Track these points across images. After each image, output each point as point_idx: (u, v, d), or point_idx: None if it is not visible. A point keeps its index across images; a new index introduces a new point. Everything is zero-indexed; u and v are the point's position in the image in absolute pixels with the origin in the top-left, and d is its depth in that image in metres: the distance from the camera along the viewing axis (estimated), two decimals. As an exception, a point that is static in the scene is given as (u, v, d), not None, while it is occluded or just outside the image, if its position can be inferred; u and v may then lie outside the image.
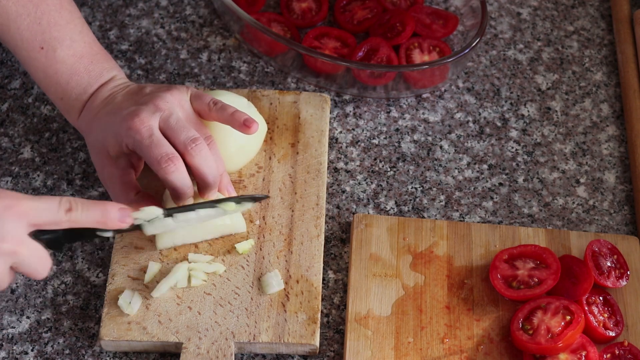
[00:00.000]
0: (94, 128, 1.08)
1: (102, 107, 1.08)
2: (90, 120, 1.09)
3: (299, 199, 1.13)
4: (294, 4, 1.32)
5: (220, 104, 1.07)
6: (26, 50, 1.08)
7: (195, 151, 1.03)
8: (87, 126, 1.09)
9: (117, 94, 1.09)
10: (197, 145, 1.03)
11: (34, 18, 1.08)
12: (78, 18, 1.11)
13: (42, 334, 1.05)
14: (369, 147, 1.22)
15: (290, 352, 1.05)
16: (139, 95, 1.07)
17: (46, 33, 1.08)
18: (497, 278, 1.08)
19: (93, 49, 1.11)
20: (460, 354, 1.04)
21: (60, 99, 1.10)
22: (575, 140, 1.25)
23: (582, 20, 1.37)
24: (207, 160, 1.04)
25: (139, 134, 1.02)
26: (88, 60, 1.10)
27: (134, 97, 1.07)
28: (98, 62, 1.11)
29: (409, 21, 1.28)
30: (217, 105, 1.07)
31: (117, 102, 1.07)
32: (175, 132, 1.04)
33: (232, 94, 1.13)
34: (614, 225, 1.17)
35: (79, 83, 1.09)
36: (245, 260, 1.08)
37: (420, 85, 1.25)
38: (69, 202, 0.92)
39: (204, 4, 1.34)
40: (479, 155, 1.22)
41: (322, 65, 1.23)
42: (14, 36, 1.08)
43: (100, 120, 1.07)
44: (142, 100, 1.06)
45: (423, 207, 1.17)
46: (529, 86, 1.29)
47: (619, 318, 1.07)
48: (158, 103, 1.05)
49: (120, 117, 1.04)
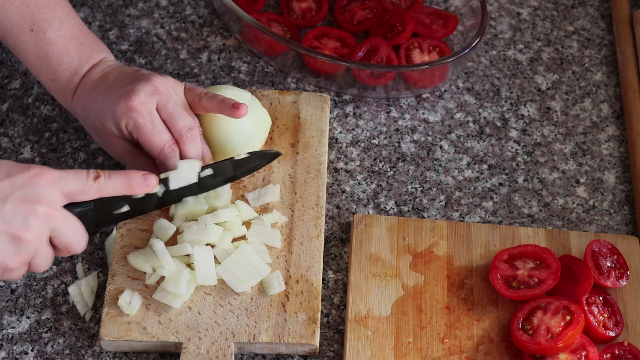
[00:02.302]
0: (90, 109, 1.09)
1: (96, 86, 1.09)
2: (85, 102, 1.09)
3: (299, 199, 1.13)
4: (294, 4, 1.32)
5: (210, 94, 1.09)
6: (16, 34, 1.09)
7: (190, 140, 1.07)
8: (83, 109, 1.10)
9: (110, 74, 1.09)
10: (193, 134, 1.07)
11: (22, 1, 1.08)
12: (65, 0, 1.12)
13: (42, 334, 1.05)
14: (369, 147, 1.22)
15: (290, 352, 1.05)
16: (134, 75, 1.08)
17: (35, 15, 1.09)
18: (497, 278, 1.08)
19: (81, 31, 1.12)
20: (460, 354, 1.04)
21: (52, 81, 1.11)
22: (575, 140, 1.25)
23: (582, 20, 1.37)
24: (197, 149, 1.07)
25: (141, 116, 1.05)
26: (77, 42, 1.10)
27: (129, 76, 1.08)
28: (87, 44, 1.11)
29: (409, 21, 1.28)
30: (207, 95, 1.09)
31: (111, 81, 1.08)
32: (173, 119, 1.06)
33: (236, 88, 1.13)
34: (614, 225, 1.17)
35: (70, 64, 1.10)
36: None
37: (420, 85, 1.25)
38: (96, 171, 0.97)
39: (204, 4, 1.34)
40: (479, 155, 1.22)
41: (322, 65, 1.23)
42: (2, 20, 1.08)
43: (97, 101, 1.08)
44: (139, 78, 1.06)
45: (423, 207, 1.17)
46: (528, 86, 1.29)
47: (619, 318, 1.07)
48: (156, 84, 1.06)
49: (116, 94, 1.06)
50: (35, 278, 1.08)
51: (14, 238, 0.91)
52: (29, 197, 0.91)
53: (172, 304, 1.03)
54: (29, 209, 0.91)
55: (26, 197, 0.91)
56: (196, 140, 1.07)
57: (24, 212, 0.91)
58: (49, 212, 0.92)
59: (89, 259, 1.10)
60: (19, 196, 0.91)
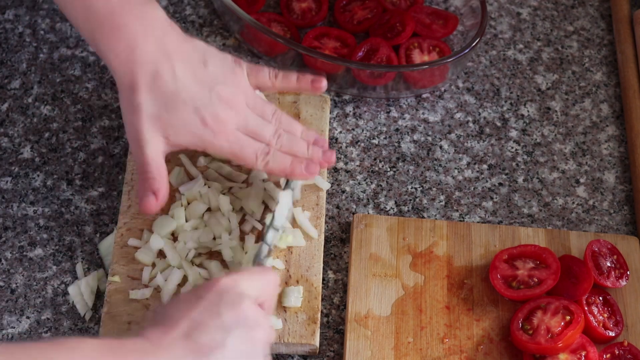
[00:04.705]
0: (149, 96, 1.01)
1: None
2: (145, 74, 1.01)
3: (299, 199, 1.13)
4: (294, 4, 1.32)
5: (281, 74, 1.07)
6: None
7: (280, 142, 1.05)
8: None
9: (173, 53, 1.02)
10: (281, 137, 1.05)
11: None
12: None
13: (42, 334, 1.05)
14: (369, 147, 1.22)
15: (290, 352, 1.05)
16: (206, 81, 1.02)
17: None
18: (497, 278, 1.08)
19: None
20: (460, 354, 1.04)
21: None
22: (575, 140, 1.25)
23: (582, 20, 1.37)
24: (292, 143, 1.05)
25: (227, 141, 1.02)
26: None
27: (199, 79, 1.02)
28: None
29: (409, 21, 1.28)
30: (279, 76, 1.07)
31: (181, 79, 1.01)
32: (257, 134, 1.04)
33: None
34: (614, 225, 1.17)
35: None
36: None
37: (420, 85, 1.25)
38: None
39: (204, 4, 1.34)
40: (478, 155, 1.22)
41: (322, 65, 1.23)
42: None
43: (167, 98, 1.01)
44: (212, 98, 1.02)
45: (423, 207, 1.17)
46: (528, 86, 1.29)
47: (619, 318, 1.07)
48: (232, 104, 1.03)
49: (192, 109, 1.01)
50: (35, 278, 1.08)
51: (251, 340, 0.88)
52: (233, 302, 0.88)
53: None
54: (241, 309, 0.88)
55: (231, 302, 0.88)
56: (283, 138, 1.05)
57: (239, 314, 0.88)
58: (254, 306, 0.89)
59: (89, 259, 1.10)
60: (226, 306, 0.87)
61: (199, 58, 1.03)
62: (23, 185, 1.15)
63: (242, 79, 1.06)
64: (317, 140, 1.09)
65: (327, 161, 1.08)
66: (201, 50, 1.04)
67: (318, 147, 1.08)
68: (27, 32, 1.28)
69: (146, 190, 1.00)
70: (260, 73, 1.07)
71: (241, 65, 1.06)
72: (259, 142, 1.04)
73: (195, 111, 1.01)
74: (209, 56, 1.04)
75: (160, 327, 0.85)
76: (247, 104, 1.05)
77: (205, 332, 0.85)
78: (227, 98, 1.03)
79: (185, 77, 1.01)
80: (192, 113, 1.01)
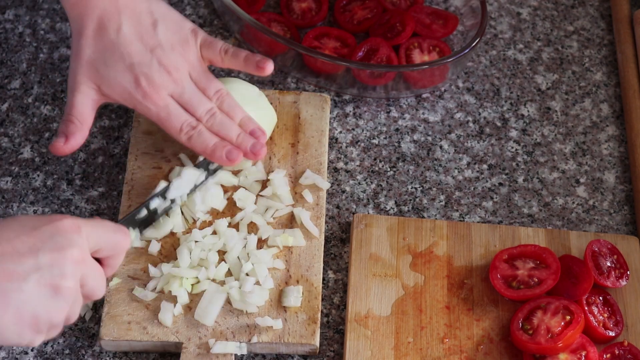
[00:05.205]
0: (91, 42, 1.04)
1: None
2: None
3: (299, 199, 1.13)
4: (294, 4, 1.32)
5: (231, 50, 1.07)
6: None
7: (212, 121, 1.05)
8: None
9: (125, 8, 1.04)
10: (214, 115, 1.05)
11: None
12: None
13: (42, 334, 1.05)
14: (369, 147, 1.22)
15: (290, 352, 1.05)
16: (150, 43, 1.04)
17: None
18: (497, 278, 1.08)
19: None
20: (460, 354, 1.04)
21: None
22: (575, 140, 1.25)
23: (582, 20, 1.37)
24: (224, 125, 1.06)
25: (155, 105, 1.03)
26: None
27: (143, 39, 1.04)
28: None
29: (409, 21, 1.28)
30: (229, 52, 1.07)
31: (125, 34, 1.04)
32: (191, 107, 1.05)
33: (244, 82, 1.13)
34: (614, 225, 1.17)
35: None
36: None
37: (420, 85, 1.25)
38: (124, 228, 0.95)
39: (204, 4, 1.34)
40: (478, 155, 1.22)
41: (322, 65, 1.23)
42: None
43: (106, 49, 1.03)
44: (152, 60, 1.04)
45: (423, 207, 1.17)
46: (528, 86, 1.29)
47: (619, 318, 1.07)
48: (171, 71, 1.04)
49: (127, 65, 1.03)
50: (35, 278, 1.08)
51: (54, 289, 0.85)
52: (61, 245, 0.86)
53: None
54: (62, 255, 0.86)
55: (58, 245, 0.86)
56: (217, 118, 1.05)
57: (58, 259, 0.86)
58: (81, 256, 0.88)
59: (89, 259, 1.10)
60: (50, 246, 0.86)
61: (150, 20, 1.05)
62: (23, 185, 1.15)
63: (193, 49, 1.07)
64: (253, 131, 1.08)
65: (254, 153, 1.07)
66: (157, 14, 1.06)
67: (252, 138, 1.07)
68: (27, 32, 1.28)
69: (60, 131, 1.03)
70: (212, 47, 1.07)
71: (196, 36, 1.07)
72: (190, 115, 1.05)
73: (130, 68, 1.03)
74: (162, 21, 1.06)
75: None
76: (190, 74, 1.06)
77: (13, 262, 0.83)
78: (167, 64, 1.04)
79: (129, 33, 1.04)
80: (127, 70, 1.03)
